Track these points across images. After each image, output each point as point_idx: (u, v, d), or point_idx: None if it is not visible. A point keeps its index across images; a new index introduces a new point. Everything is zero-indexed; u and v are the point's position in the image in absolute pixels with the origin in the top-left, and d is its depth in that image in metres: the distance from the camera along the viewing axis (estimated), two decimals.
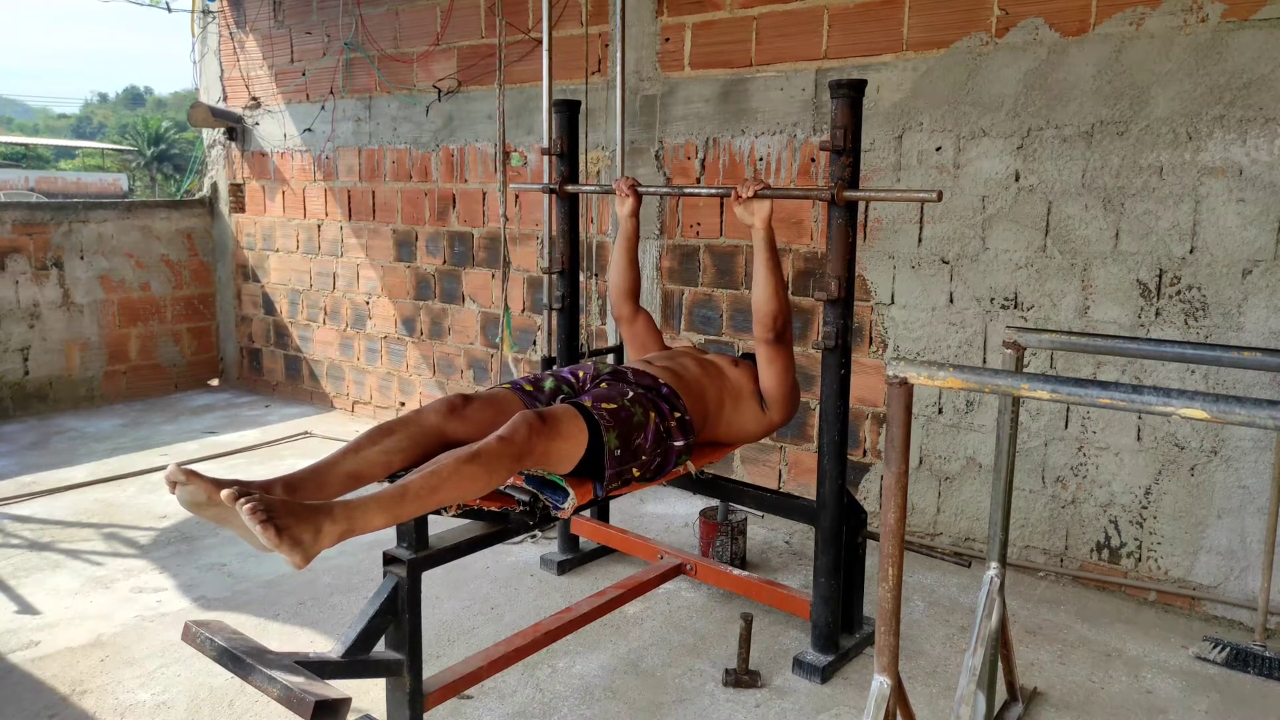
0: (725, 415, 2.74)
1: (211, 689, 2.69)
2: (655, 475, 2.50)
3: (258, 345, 6.70)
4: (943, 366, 1.68)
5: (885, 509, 1.77)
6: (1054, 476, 3.50)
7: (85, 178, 31.02)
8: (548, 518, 2.35)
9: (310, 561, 1.74)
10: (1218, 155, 3.08)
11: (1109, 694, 2.73)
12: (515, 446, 2.06)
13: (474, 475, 1.98)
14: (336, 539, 1.78)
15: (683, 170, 4.35)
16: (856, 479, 3.99)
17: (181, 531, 3.94)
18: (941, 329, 3.70)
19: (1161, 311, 3.23)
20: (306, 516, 1.74)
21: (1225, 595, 3.20)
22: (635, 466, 2.38)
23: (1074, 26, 3.29)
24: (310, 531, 1.73)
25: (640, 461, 2.39)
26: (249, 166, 6.54)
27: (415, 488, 1.92)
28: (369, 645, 2.14)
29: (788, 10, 3.95)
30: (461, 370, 5.41)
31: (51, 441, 5.35)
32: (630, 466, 2.37)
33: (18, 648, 2.95)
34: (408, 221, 5.57)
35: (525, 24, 4.78)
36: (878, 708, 1.84)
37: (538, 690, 2.71)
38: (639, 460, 2.39)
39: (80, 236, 6.14)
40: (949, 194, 3.60)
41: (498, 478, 2.05)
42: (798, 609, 2.98)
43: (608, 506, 3.70)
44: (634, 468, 2.38)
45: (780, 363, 2.73)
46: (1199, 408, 1.41)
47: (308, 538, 1.73)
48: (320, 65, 5.88)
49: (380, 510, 1.85)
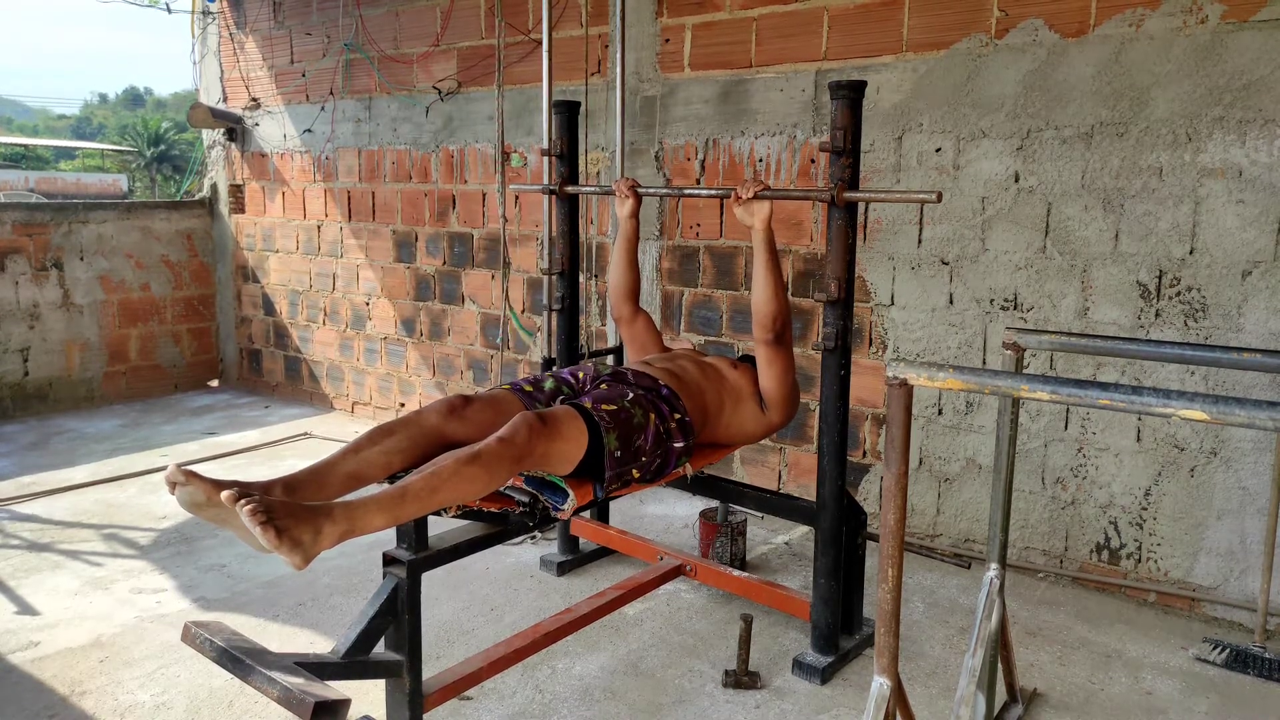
0: (725, 417, 2.75)
1: (211, 690, 2.69)
2: (655, 476, 2.51)
3: (258, 346, 6.70)
4: (942, 367, 1.68)
5: (885, 510, 1.77)
6: (1054, 477, 3.50)
7: (85, 178, 31.01)
8: (547, 519, 2.35)
9: (310, 562, 1.75)
10: (1217, 156, 3.08)
11: (1109, 695, 2.73)
12: (515, 448, 2.06)
13: (474, 476, 1.99)
14: (336, 540, 1.79)
15: (682, 171, 4.35)
16: (856, 480, 3.99)
17: (181, 532, 3.94)
18: (941, 330, 3.70)
19: (1161, 312, 3.23)
20: (306, 517, 1.75)
21: (1225, 596, 3.20)
22: (635, 468, 2.38)
23: (1074, 28, 3.30)
24: (310, 532, 1.74)
25: (640, 463, 2.39)
26: (249, 167, 6.54)
27: (415, 488, 1.92)
28: (368, 646, 2.14)
29: (788, 11, 3.95)
30: (461, 371, 5.41)
31: (51, 442, 5.35)
32: (630, 467, 2.37)
33: (17, 648, 2.95)
34: (408, 222, 5.57)
35: (525, 25, 4.78)
36: (877, 709, 1.84)
37: (537, 691, 2.71)
38: (639, 461, 2.39)
39: (80, 237, 6.14)
40: (949, 195, 3.61)
41: (498, 479, 2.06)
42: (797, 610, 2.98)
43: (608, 507, 3.70)
44: (634, 469, 2.38)
45: (780, 363, 2.73)
46: (1199, 409, 1.41)
47: (307, 539, 1.73)
48: (320, 66, 5.89)
49: (380, 511, 1.86)
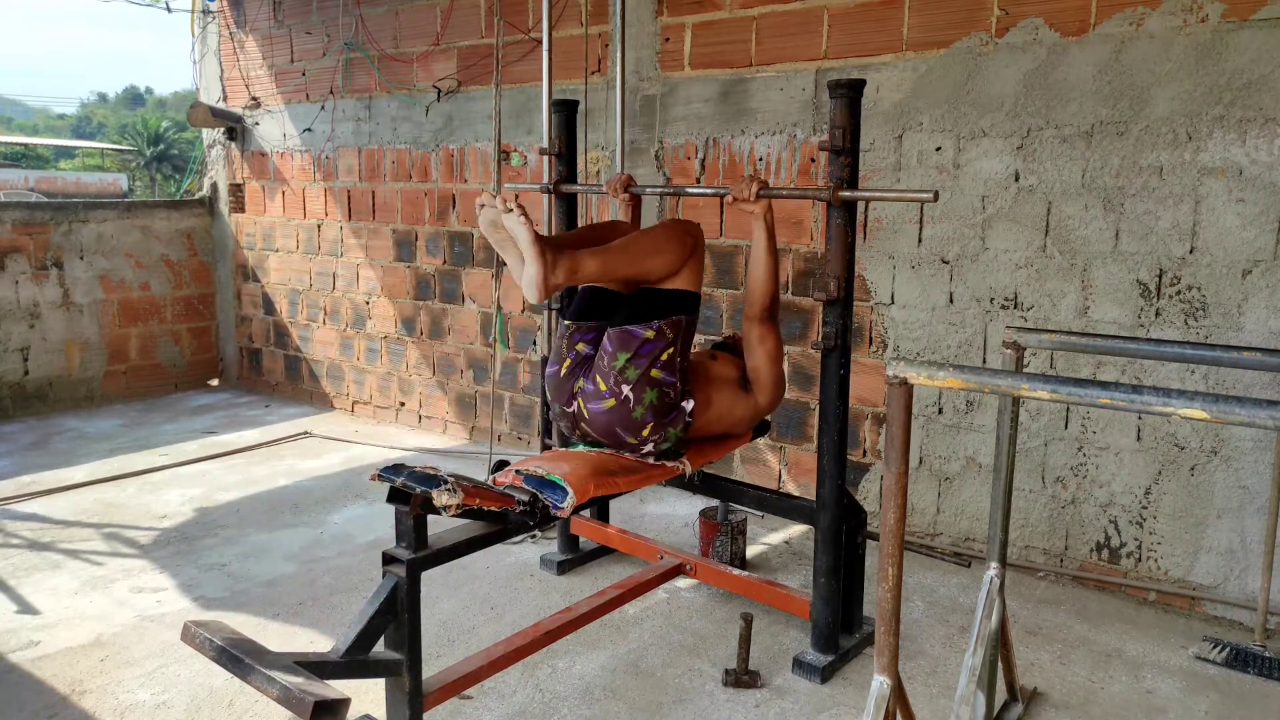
0: (714, 406, 2.75)
1: (211, 689, 2.69)
2: (669, 414, 2.58)
3: (257, 345, 6.70)
4: (943, 366, 1.68)
5: (885, 509, 1.77)
6: (1054, 476, 3.50)
7: (85, 178, 30.98)
8: (547, 517, 2.35)
9: (546, 293, 2.30)
10: (1218, 155, 3.08)
11: (1109, 694, 2.73)
12: (680, 226, 2.62)
13: (651, 248, 2.54)
14: (564, 276, 2.34)
15: (682, 170, 4.35)
16: (856, 479, 3.99)
17: (181, 531, 3.94)
18: (941, 329, 3.70)
19: (1161, 312, 3.23)
20: (555, 250, 2.33)
21: (1225, 595, 3.20)
22: (679, 383, 2.59)
23: (1074, 27, 3.29)
24: (554, 261, 2.31)
25: (676, 388, 2.58)
26: (249, 166, 6.54)
27: (615, 248, 2.50)
28: (368, 645, 2.14)
29: (788, 10, 3.95)
30: (462, 370, 5.41)
31: (51, 441, 5.35)
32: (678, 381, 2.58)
33: (18, 648, 2.95)
34: (408, 221, 5.57)
35: (525, 24, 4.78)
36: (877, 708, 1.84)
37: (537, 690, 2.71)
38: (681, 381, 2.60)
39: (80, 236, 6.14)
40: (949, 194, 3.60)
41: (669, 256, 2.54)
42: (798, 609, 2.98)
43: (607, 506, 3.70)
44: (678, 382, 2.59)
45: (771, 341, 2.81)
46: (1199, 408, 1.41)
47: (550, 258, 2.30)
48: (320, 65, 5.89)
49: (593, 258, 2.42)
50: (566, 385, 2.62)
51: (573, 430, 2.69)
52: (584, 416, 2.59)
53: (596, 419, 2.57)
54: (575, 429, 2.68)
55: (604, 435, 2.60)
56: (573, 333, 2.65)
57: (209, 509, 4.22)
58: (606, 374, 2.53)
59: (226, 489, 4.50)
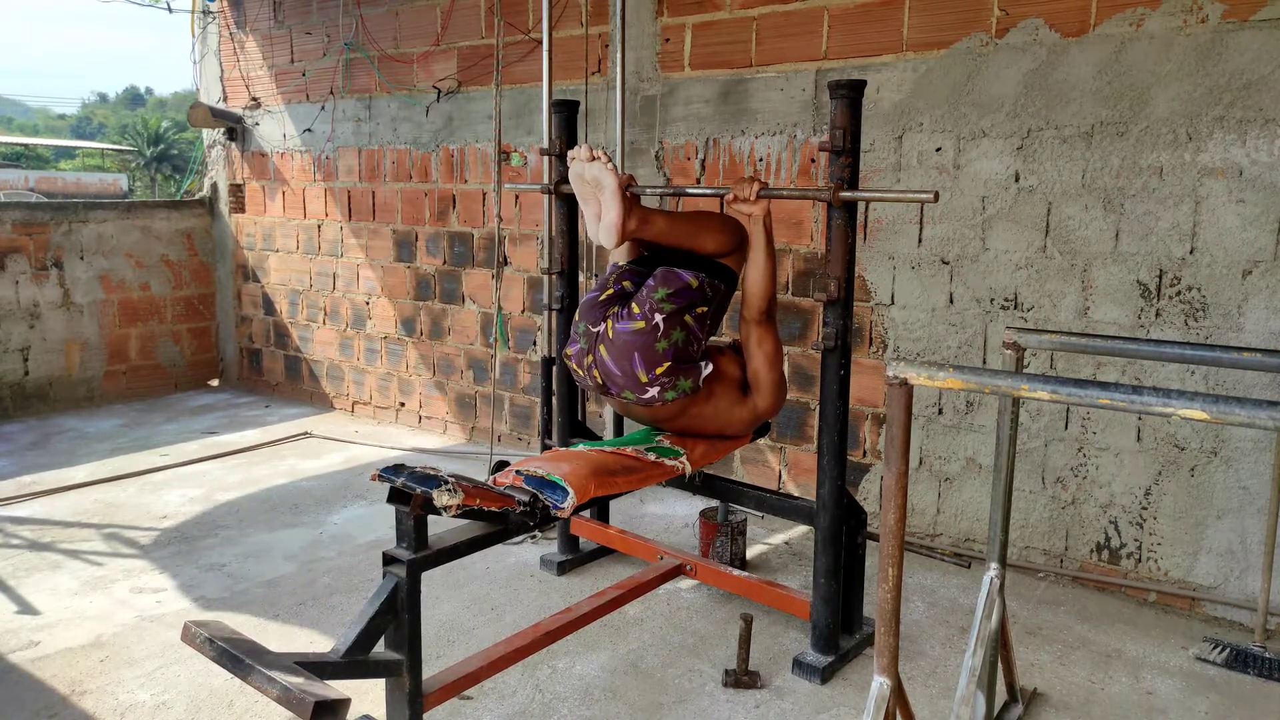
0: (715, 399, 2.75)
1: (211, 689, 2.69)
2: (686, 362, 2.64)
3: (258, 345, 6.70)
4: (943, 367, 1.68)
5: (885, 510, 1.77)
6: (1054, 477, 3.50)
7: (85, 178, 31.01)
8: (547, 518, 2.35)
9: (623, 236, 2.63)
10: (1218, 156, 3.08)
11: (1109, 695, 2.73)
12: (730, 219, 2.79)
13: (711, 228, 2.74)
14: (636, 224, 2.64)
15: (683, 170, 4.35)
16: (856, 479, 3.99)
17: (182, 532, 3.94)
18: (941, 329, 3.70)
19: (1161, 312, 3.23)
20: (634, 199, 2.70)
21: (1225, 596, 3.20)
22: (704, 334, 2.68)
23: (1074, 27, 3.29)
24: (630, 209, 2.63)
25: (700, 344, 2.67)
26: (249, 167, 6.54)
27: (681, 216, 2.79)
28: (369, 645, 2.14)
29: (788, 11, 3.95)
30: (461, 370, 5.41)
31: (51, 441, 5.35)
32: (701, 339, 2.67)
33: (18, 648, 2.95)
34: (408, 222, 5.57)
35: (525, 24, 4.78)
36: (877, 708, 1.84)
37: (538, 691, 2.71)
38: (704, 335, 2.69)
39: (80, 236, 6.14)
40: (949, 195, 3.61)
41: (727, 238, 2.74)
42: (798, 610, 2.98)
43: (607, 507, 3.70)
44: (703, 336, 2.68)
45: (770, 343, 2.80)
46: (1199, 408, 1.41)
47: (629, 210, 2.63)
48: (320, 65, 5.89)
49: (662, 217, 2.70)
50: (601, 309, 2.67)
51: (587, 352, 2.66)
52: (607, 337, 2.60)
53: (619, 338, 2.58)
54: (591, 352, 2.65)
55: (620, 360, 2.58)
56: (623, 271, 2.76)
57: (209, 509, 4.22)
58: (644, 301, 2.59)
59: (227, 489, 4.50)
